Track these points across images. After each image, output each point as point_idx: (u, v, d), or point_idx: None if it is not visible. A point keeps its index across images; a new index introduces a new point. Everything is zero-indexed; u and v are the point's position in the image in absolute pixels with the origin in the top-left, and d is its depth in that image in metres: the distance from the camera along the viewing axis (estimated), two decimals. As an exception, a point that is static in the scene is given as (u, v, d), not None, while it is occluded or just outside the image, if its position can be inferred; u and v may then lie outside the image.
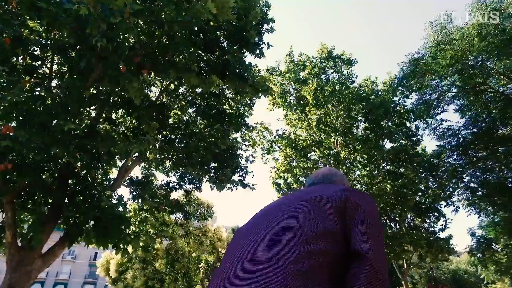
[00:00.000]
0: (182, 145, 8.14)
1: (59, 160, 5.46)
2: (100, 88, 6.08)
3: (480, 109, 13.22)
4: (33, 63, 5.57)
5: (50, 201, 5.96)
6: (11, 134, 4.15)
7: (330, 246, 0.87)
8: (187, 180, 10.02)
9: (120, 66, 4.52)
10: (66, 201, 5.67)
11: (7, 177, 4.81)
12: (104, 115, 6.76)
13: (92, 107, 6.96)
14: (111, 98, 6.20)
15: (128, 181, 8.57)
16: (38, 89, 5.50)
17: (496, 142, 13.09)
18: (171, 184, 9.76)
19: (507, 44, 11.24)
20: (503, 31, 11.22)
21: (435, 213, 12.95)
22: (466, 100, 13.76)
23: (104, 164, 7.15)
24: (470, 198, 13.82)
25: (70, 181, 5.89)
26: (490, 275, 17.79)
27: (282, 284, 0.75)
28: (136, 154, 7.18)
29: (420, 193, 13.25)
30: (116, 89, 5.54)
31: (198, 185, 9.99)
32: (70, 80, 5.12)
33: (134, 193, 8.37)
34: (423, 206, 13.12)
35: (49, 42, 5.51)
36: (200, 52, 6.57)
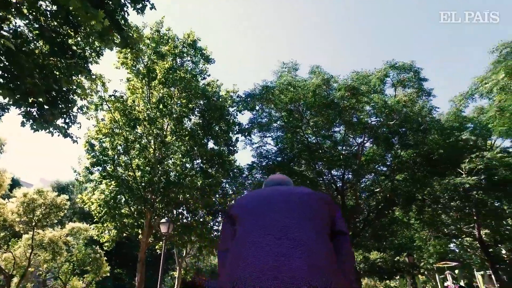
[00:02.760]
0: (6, 59, 6.47)
1: None
2: None
3: (289, 145, 16.21)
4: None
5: None
6: None
7: (327, 226, 1.38)
8: (-18, 104, 8.01)
9: None
10: None
11: None
12: None
13: None
14: None
15: None
16: None
17: (290, 174, 16.31)
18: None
19: (323, 108, 14.33)
20: (327, 97, 14.27)
21: (223, 215, 14.94)
22: (284, 135, 16.65)
23: None
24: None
25: None
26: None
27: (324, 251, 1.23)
28: None
29: (218, 195, 14.94)
30: None
31: (-3, 115, 8.13)
32: None
33: None
34: (215, 207, 14.90)
35: None
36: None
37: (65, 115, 8.07)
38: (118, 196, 12.44)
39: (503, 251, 17.89)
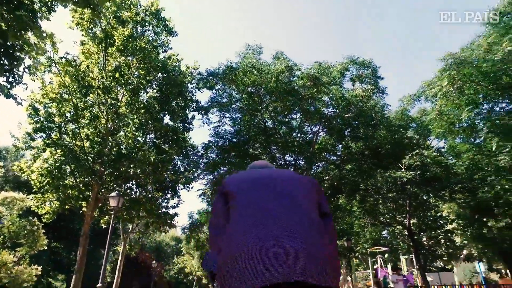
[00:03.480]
0: None
1: None
2: None
3: (245, 127, 16.30)
4: None
5: None
6: None
7: (317, 209, 1.42)
8: None
9: None
10: None
11: None
12: None
13: None
14: None
15: None
16: None
17: (245, 156, 16.51)
18: None
19: (284, 94, 14.54)
20: (288, 84, 14.49)
21: (173, 192, 14.86)
22: (242, 117, 16.68)
23: None
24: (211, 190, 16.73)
25: None
26: (188, 249, 23.17)
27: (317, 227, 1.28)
28: None
29: (169, 172, 14.72)
30: None
31: None
32: None
33: None
34: (165, 184, 14.74)
35: None
36: None
37: (8, 73, 7.29)
38: (63, 166, 11.67)
39: (424, 238, 20.10)
